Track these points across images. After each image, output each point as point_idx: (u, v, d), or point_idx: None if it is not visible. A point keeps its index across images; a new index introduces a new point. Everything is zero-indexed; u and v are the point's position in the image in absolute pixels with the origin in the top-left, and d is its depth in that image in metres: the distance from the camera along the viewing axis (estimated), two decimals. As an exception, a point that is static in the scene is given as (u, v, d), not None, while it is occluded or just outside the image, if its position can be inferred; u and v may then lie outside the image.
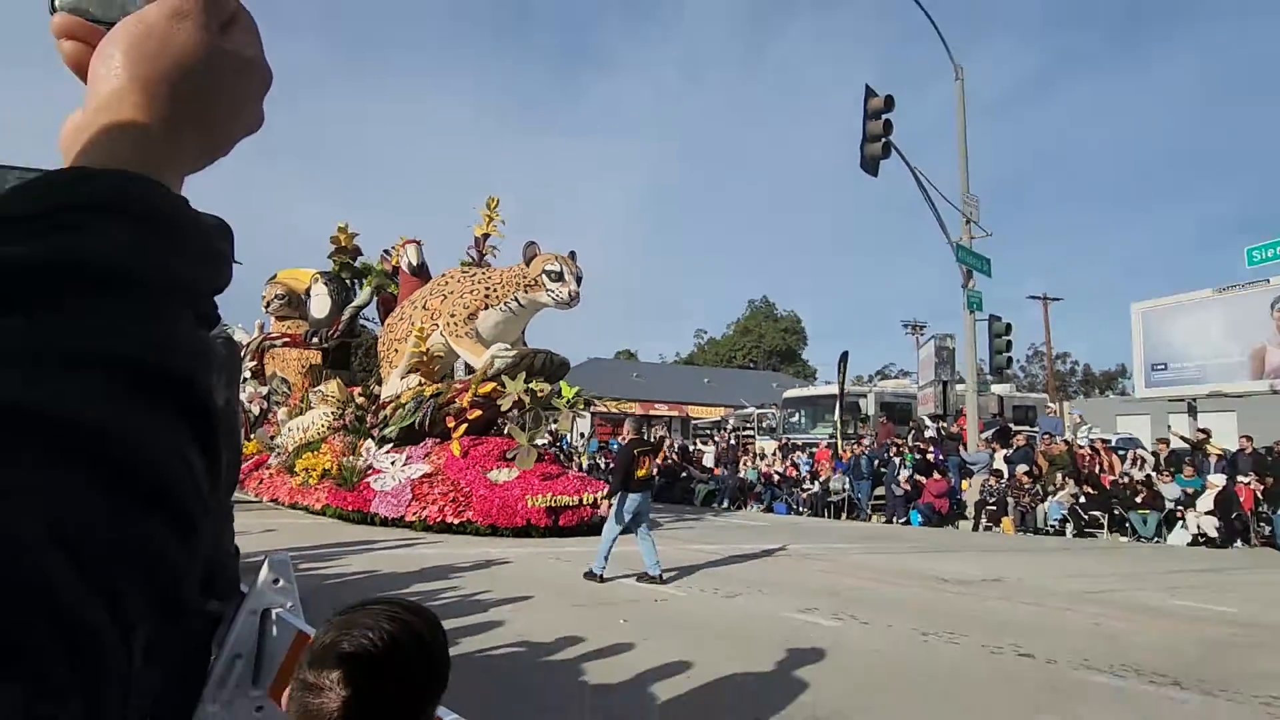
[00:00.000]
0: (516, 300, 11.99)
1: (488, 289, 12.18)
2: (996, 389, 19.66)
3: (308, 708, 0.84)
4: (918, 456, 14.98)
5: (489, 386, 11.27)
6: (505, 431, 11.80)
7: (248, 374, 17.56)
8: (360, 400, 13.50)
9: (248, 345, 18.13)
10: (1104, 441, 14.47)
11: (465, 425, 11.41)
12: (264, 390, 17.32)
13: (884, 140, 12.79)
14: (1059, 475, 13.10)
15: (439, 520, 10.03)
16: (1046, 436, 15.53)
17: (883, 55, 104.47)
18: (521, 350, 11.90)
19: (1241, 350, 17.05)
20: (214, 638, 1.53)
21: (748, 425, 26.09)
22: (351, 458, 11.85)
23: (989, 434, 15.61)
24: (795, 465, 17.14)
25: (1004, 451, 14.24)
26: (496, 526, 9.86)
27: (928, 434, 17.02)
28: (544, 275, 11.55)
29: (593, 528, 10.28)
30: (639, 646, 4.50)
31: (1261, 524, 11.14)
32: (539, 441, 11.87)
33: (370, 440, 12.14)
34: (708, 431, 29.26)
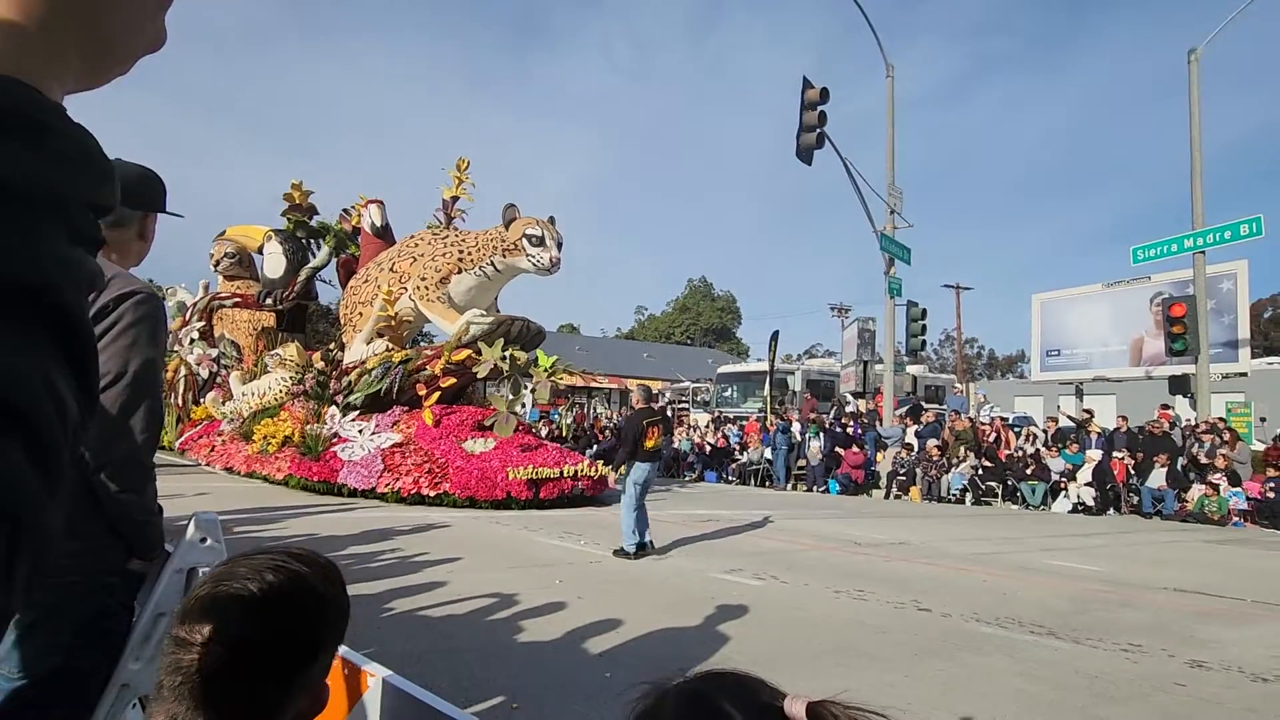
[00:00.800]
0: (493, 265, 11.51)
1: (461, 252, 11.64)
2: (911, 369, 20.88)
3: (179, 665, 0.76)
4: (827, 429, 15.86)
5: (464, 353, 10.81)
6: (484, 397, 11.60)
7: (195, 334, 16.52)
8: (320, 365, 12.99)
9: (194, 305, 17.02)
10: (1002, 419, 15.73)
11: (438, 393, 11.08)
12: (213, 353, 16.38)
13: (818, 131, 13.24)
14: (962, 449, 14.19)
15: (414, 492, 9.65)
16: (954, 414, 16.70)
17: (822, 48, 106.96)
18: (498, 316, 11.33)
19: (1123, 340, 18.86)
20: (136, 597, 1.52)
21: (683, 399, 26.92)
22: (315, 425, 11.36)
23: (903, 410, 16.65)
24: (726, 437, 17.79)
25: (915, 427, 15.26)
26: (475, 499, 9.52)
27: (849, 409, 17.98)
28: (524, 239, 11.08)
29: (573, 500, 10.29)
30: (573, 604, 4.75)
31: (1131, 494, 12.49)
32: (519, 410, 11.41)
33: (334, 407, 11.70)
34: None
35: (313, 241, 16.28)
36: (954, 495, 13.56)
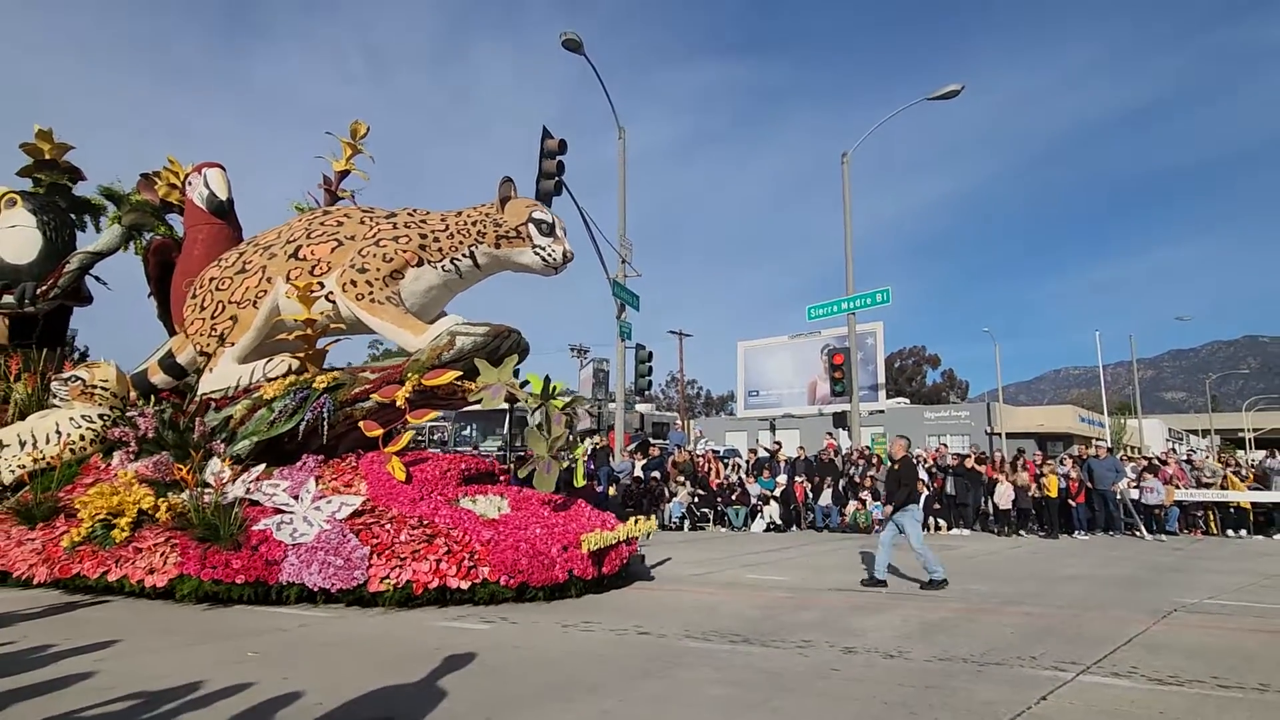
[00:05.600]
0: (471, 257, 8.61)
1: (424, 237, 8.57)
2: (640, 408, 22.57)
3: None
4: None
5: (447, 375, 7.81)
6: (523, 439, 8.42)
7: None
8: (133, 396, 9.13)
9: None
10: (714, 452, 17.74)
11: (409, 434, 8.04)
12: None
13: (556, 179, 13.87)
14: (682, 478, 15.65)
15: (433, 586, 6.41)
16: (678, 448, 18.38)
17: (568, 94, 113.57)
18: (492, 326, 8.26)
19: (803, 383, 22.83)
20: None
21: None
22: (201, 491, 7.12)
23: (632, 446, 17.84)
24: (460, 479, 17.19)
25: (643, 461, 16.44)
26: (528, 585, 6.60)
27: (587, 448, 18.72)
28: (531, 225, 8.42)
29: (628, 575, 7.90)
30: (265, 681, 4.10)
31: (808, 511, 14.94)
32: (563, 456, 8.22)
33: (215, 459, 7.85)
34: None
35: (88, 219, 11.63)
36: (674, 523, 14.82)
